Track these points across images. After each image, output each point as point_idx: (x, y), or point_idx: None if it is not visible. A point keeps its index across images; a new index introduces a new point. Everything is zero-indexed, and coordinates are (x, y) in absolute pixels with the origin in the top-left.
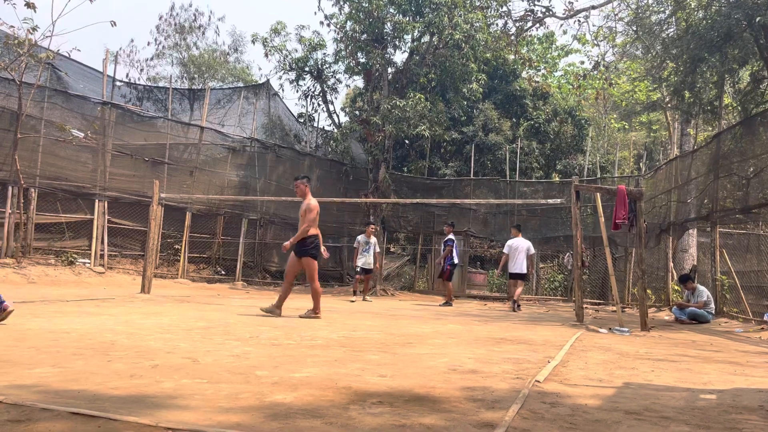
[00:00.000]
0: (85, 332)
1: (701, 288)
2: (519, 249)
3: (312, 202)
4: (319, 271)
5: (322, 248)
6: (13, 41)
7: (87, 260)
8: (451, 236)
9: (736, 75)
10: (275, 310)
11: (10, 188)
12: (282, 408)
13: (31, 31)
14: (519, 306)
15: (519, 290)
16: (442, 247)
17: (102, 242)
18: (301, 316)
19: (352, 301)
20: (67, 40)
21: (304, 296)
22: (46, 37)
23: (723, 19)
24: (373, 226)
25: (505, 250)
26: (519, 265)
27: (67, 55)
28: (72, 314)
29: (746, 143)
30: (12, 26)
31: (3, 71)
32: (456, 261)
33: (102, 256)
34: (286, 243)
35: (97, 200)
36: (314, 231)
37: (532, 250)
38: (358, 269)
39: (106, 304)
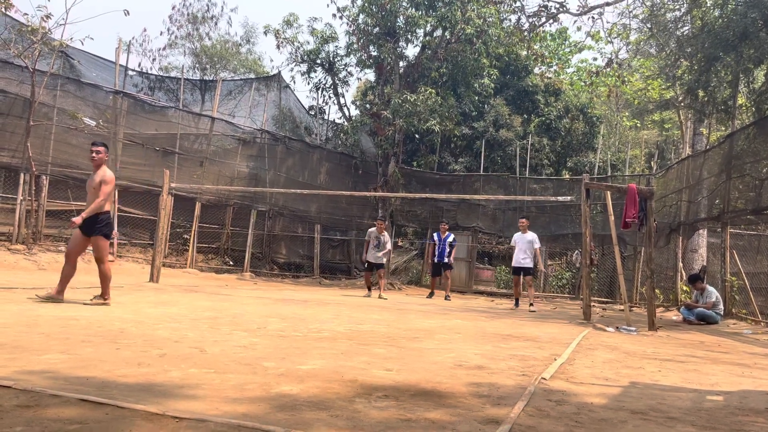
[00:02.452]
0: (95, 320)
1: (710, 289)
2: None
3: (109, 173)
4: (327, 263)
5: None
6: (26, 29)
7: None
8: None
9: (751, 75)
10: (57, 296)
11: (22, 175)
12: (288, 399)
13: (44, 18)
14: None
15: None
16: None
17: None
18: (86, 303)
19: (368, 296)
20: (80, 29)
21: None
22: (60, 25)
23: (739, 18)
24: (381, 222)
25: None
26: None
27: (81, 43)
28: (81, 301)
29: (760, 144)
30: (26, 14)
31: (17, 58)
32: (436, 260)
33: (111, 244)
34: (77, 218)
35: None
36: (108, 207)
37: (537, 244)
38: (365, 264)
39: (114, 293)
